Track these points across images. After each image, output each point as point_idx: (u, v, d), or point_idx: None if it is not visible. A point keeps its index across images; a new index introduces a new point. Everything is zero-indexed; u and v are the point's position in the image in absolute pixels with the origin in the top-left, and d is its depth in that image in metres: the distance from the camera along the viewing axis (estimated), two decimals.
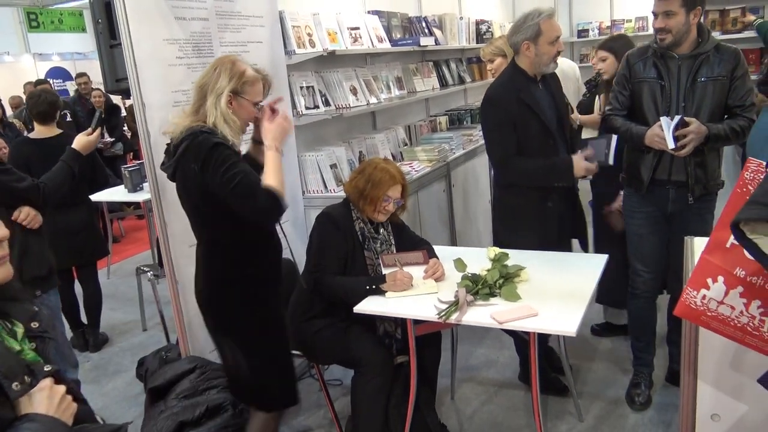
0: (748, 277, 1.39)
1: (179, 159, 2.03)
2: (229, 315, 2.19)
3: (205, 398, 2.48)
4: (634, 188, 2.78)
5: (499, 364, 3.44)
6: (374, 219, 2.61)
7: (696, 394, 1.71)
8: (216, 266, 2.18)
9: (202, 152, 1.96)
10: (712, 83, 2.55)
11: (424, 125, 4.82)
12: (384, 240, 2.66)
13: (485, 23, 5.74)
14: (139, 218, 6.96)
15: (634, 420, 2.83)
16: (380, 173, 2.55)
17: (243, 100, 2.08)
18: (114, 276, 5.59)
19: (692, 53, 2.56)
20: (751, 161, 1.43)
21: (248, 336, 2.20)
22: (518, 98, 2.74)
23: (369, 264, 2.57)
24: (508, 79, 2.84)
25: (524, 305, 2.22)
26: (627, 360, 3.27)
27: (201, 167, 1.97)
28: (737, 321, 1.41)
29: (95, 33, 2.68)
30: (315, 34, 3.52)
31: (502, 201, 2.98)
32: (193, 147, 1.99)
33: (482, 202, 4.76)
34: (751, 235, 1.29)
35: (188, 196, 2.12)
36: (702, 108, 2.56)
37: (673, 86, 2.58)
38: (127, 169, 4.73)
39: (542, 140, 2.79)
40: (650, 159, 2.67)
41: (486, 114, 2.87)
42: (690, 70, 2.56)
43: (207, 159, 1.95)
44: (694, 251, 1.94)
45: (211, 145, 1.96)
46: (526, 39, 2.71)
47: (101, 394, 3.50)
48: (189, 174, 2.02)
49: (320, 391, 2.85)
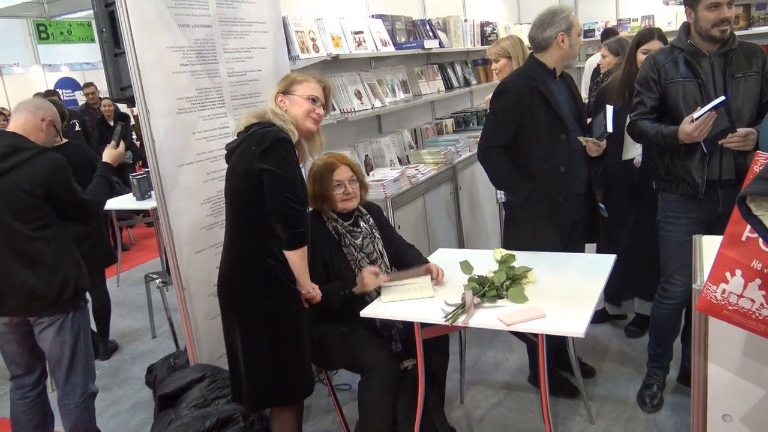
0: (765, 269, 1.40)
1: (243, 140, 2.20)
2: (248, 291, 2.22)
3: (215, 409, 2.47)
4: (683, 193, 2.65)
5: (508, 366, 3.42)
6: (345, 210, 2.61)
7: (707, 394, 1.69)
8: (244, 245, 2.24)
9: (268, 140, 2.13)
10: (747, 79, 2.53)
11: (429, 128, 4.82)
12: (367, 233, 2.65)
13: (490, 25, 5.73)
14: (148, 226, 6.98)
15: (646, 421, 2.80)
16: (319, 168, 2.61)
17: (294, 96, 2.27)
18: (123, 284, 5.62)
19: (722, 51, 2.53)
20: (760, 154, 1.45)
21: (263, 318, 2.23)
22: (532, 87, 2.75)
23: (351, 260, 2.57)
24: (525, 69, 2.90)
25: (532, 307, 2.20)
26: (638, 360, 3.24)
27: (261, 152, 2.11)
28: (758, 314, 1.42)
29: (99, 42, 2.69)
30: (319, 38, 3.53)
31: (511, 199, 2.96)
32: (261, 133, 2.16)
33: (489, 204, 4.74)
34: (756, 211, 1.32)
35: (234, 176, 2.22)
36: (745, 103, 2.53)
37: (710, 84, 2.53)
38: (136, 177, 4.77)
39: (552, 133, 2.77)
40: (698, 160, 2.57)
41: (493, 102, 2.91)
42: (723, 68, 2.53)
43: (271, 147, 2.11)
44: (703, 249, 1.93)
45: (280, 137, 2.14)
46: (561, 31, 2.75)
47: (111, 402, 3.51)
48: (246, 155, 2.15)
49: (329, 395, 2.85)
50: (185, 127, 2.70)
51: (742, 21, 5.70)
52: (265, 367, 2.26)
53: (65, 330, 2.55)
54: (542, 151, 2.78)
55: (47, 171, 2.45)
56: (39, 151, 2.49)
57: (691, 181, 2.60)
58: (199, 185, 2.77)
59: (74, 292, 2.54)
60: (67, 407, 2.64)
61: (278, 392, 2.31)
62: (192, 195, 2.74)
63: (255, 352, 2.25)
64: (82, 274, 2.60)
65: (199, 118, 2.76)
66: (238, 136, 2.28)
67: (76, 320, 2.59)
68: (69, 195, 2.53)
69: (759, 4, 5.66)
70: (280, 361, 2.26)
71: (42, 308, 2.50)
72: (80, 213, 2.59)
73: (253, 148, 2.13)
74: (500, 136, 2.81)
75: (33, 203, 2.43)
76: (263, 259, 2.19)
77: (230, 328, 2.30)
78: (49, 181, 2.45)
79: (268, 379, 2.27)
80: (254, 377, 2.28)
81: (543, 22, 2.80)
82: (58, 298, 2.49)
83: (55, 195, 2.48)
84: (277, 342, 2.25)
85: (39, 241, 2.46)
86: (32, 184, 2.41)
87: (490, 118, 2.91)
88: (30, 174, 2.42)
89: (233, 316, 2.28)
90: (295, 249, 2.19)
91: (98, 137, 6.88)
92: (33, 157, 2.45)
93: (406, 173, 3.69)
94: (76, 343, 2.59)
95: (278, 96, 2.28)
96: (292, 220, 2.16)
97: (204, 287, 2.78)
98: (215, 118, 2.84)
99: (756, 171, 1.42)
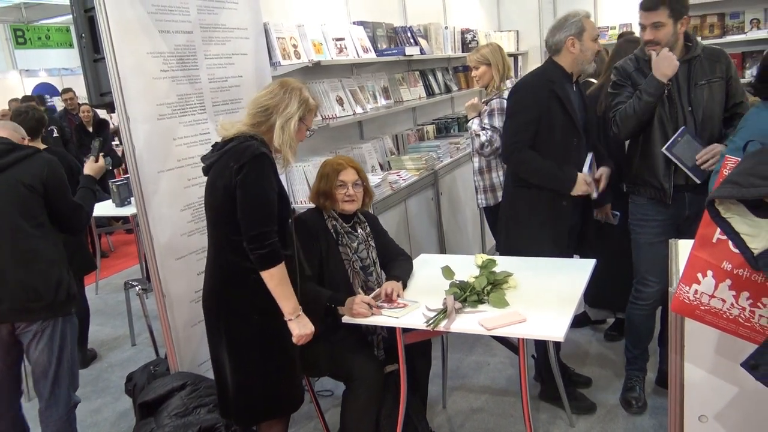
0: (734, 269, 1.43)
1: (222, 154, 2.15)
2: (234, 307, 2.18)
3: (197, 418, 2.44)
4: (651, 197, 2.71)
5: (490, 371, 3.44)
6: (344, 211, 2.63)
7: (684, 394, 1.72)
8: (227, 259, 2.18)
9: (246, 155, 2.07)
10: (711, 85, 2.59)
11: (411, 134, 4.84)
12: (362, 240, 2.66)
13: (470, 32, 5.78)
14: (127, 232, 6.91)
15: (625, 424, 2.83)
16: (327, 167, 2.65)
17: (302, 125, 2.25)
18: (102, 291, 5.55)
19: (685, 59, 2.59)
20: (729, 158, 1.49)
21: (251, 334, 2.18)
22: (550, 89, 2.74)
23: (345, 259, 2.58)
24: (543, 70, 2.87)
25: (512, 311, 2.22)
26: (617, 364, 3.28)
27: (239, 168, 2.06)
28: (729, 313, 1.46)
29: (79, 47, 2.67)
30: (300, 45, 3.53)
31: (515, 201, 2.93)
32: (240, 148, 2.10)
33: (470, 209, 4.77)
34: (725, 214, 1.36)
35: (214, 191, 2.18)
36: (711, 109, 2.60)
37: (675, 92, 2.59)
38: (115, 183, 4.72)
39: (566, 137, 2.77)
40: (665, 167, 2.62)
41: (512, 99, 2.87)
42: (687, 76, 2.59)
43: (249, 163, 2.06)
44: (678, 253, 1.96)
45: (258, 152, 2.08)
46: (570, 35, 2.73)
47: (90, 411, 3.46)
48: (224, 170, 2.11)
49: (311, 402, 2.84)
50: (166, 133, 2.68)
51: (716, 29, 5.81)
52: (255, 384, 2.21)
53: (53, 339, 2.53)
54: (555, 153, 2.76)
55: (45, 168, 2.49)
56: (35, 151, 2.55)
57: (659, 187, 2.67)
58: (180, 191, 2.75)
59: (67, 295, 2.54)
60: (50, 419, 2.59)
61: (269, 407, 2.28)
62: (172, 201, 2.72)
63: (244, 369, 2.21)
64: (71, 277, 2.60)
65: (180, 124, 2.75)
66: (213, 149, 2.23)
67: (65, 329, 2.56)
68: (64, 195, 2.56)
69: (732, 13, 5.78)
70: (270, 376, 2.22)
71: (38, 310, 2.47)
72: (72, 217, 2.60)
73: (231, 164, 2.08)
74: (526, 132, 2.76)
75: (33, 199, 2.46)
76: (248, 275, 2.13)
77: (217, 346, 2.26)
78: (47, 179, 2.49)
79: (259, 395, 2.23)
80: (244, 393, 2.23)
81: (556, 26, 2.81)
82: (54, 299, 2.49)
83: (52, 193, 2.51)
84: (266, 358, 2.21)
85: (37, 239, 2.47)
86: (33, 179, 2.46)
87: (511, 118, 2.86)
88: (30, 170, 2.47)
89: (220, 334, 2.23)
90: (267, 269, 2.08)
91: (77, 143, 6.80)
92: (30, 156, 2.51)
93: (388, 179, 3.71)
94: (61, 353, 2.56)
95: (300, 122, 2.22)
96: (261, 237, 2.06)
97: (185, 294, 2.77)
98: (196, 124, 2.83)
99: (725, 174, 1.46)
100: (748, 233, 1.34)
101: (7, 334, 2.51)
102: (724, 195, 1.34)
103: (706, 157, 2.53)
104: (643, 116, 2.60)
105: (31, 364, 2.57)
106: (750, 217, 1.34)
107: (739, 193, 1.32)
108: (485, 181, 3.64)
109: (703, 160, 2.53)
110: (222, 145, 2.17)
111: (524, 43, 7.39)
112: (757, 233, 1.34)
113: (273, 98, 2.20)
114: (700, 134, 2.60)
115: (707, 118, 2.60)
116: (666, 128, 2.61)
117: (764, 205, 1.34)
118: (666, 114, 2.60)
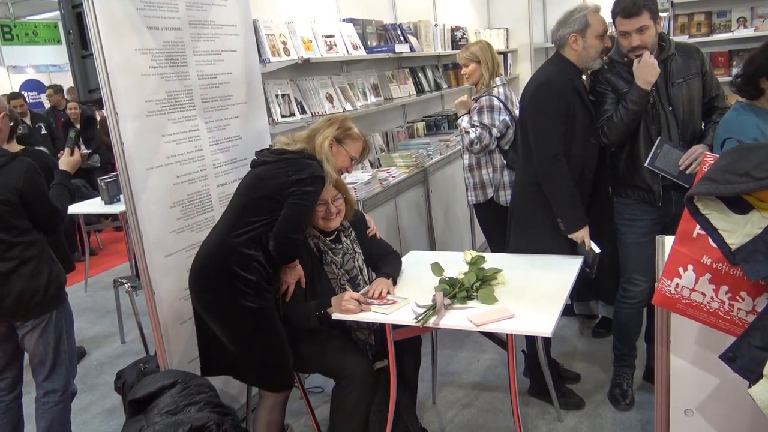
0: (714, 264, 1.47)
1: (282, 159, 2.39)
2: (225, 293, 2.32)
3: (188, 416, 2.43)
4: (640, 199, 2.71)
5: (479, 367, 3.45)
6: (327, 228, 2.57)
7: (670, 388, 1.74)
8: (236, 241, 2.33)
9: (308, 172, 2.33)
10: (688, 83, 2.61)
11: (401, 132, 4.85)
12: (347, 249, 2.62)
13: (460, 30, 5.79)
14: (116, 230, 6.88)
15: (612, 419, 2.86)
16: None
17: (342, 148, 2.50)
18: (91, 289, 5.52)
19: (660, 59, 2.59)
20: (708, 156, 1.52)
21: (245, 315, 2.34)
22: (573, 87, 2.64)
23: (332, 278, 2.55)
24: (560, 68, 2.70)
25: (501, 308, 2.24)
26: (605, 360, 3.30)
27: (298, 180, 2.31)
28: (709, 306, 1.49)
29: (67, 44, 2.66)
30: (290, 42, 3.52)
31: (530, 203, 2.82)
32: (303, 163, 2.36)
33: (460, 206, 4.79)
34: (703, 210, 1.40)
35: (258, 182, 2.38)
36: (690, 106, 2.62)
37: (654, 94, 2.59)
38: (104, 181, 4.69)
39: (586, 134, 2.68)
40: (651, 171, 2.62)
41: (542, 101, 2.66)
42: (664, 75, 2.60)
43: (308, 180, 2.32)
44: (665, 250, 1.98)
45: (318, 174, 2.35)
46: (573, 31, 2.63)
47: (80, 409, 3.45)
48: (280, 174, 2.33)
49: (301, 398, 2.84)
50: (154, 130, 2.67)
51: (704, 28, 5.85)
52: (253, 351, 2.39)
53: (48, 332, 2.56)
54: (576, 151, 2.68)
55: (21, 179, 2.43)
56: (9, 158, 2.46)
57: (647, 188, 2.67)
58: (169, 188, 2.74)
59: (57, 288, 2.56)
60: (46, 405, 2.62)
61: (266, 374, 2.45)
62: (162, 198, 2.71)
63: (243, 346, 2.39)
64: (59, 268, 2.62)
65: (169, 120, 2.74)
66: (269, 150, 2.48)
67: (60, 320, 2.59)
68: (42, 201, 2.51)
69: (720, 12, 5.82)
70: (265, 345, 2.39)
71: (29, 310, 2.49)
72: (50, 220, 2.57)
73: (290, 172, 2.32)
74: (562, 144, 2.62)
75: (10, 212, 2.42)
76: (251, 260, 2.31)
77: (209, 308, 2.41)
78: (23, 188, 2.43)
79: (256, 361, 2.41)
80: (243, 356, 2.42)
81: (561, 20, 2.70)
82: (44, 297, 2.50)
83: (29, 200, 2.46)
84: (259, 328, 2.37)
85: (22, 246, 2.46)
86: (8, 193, 2.40)
87: (544, 126, 2.64)
88: (4, 183, 2.40)
89: (212, 313, 2.39)
90: (287, 263, 2.42)
91: (64, 140, 6.76)
92: (5, 165, 2.43)
93: (378, 176, 3.71)
94: (58, 344, 2.60)
95: (333, 142, 2.47)
96: (293, 242, 2.36)
97: (174, 291, 2.76)
98: (185, 121, 2.82)
99: (704, 171, 1.48)
100: (725, 229, 1.38)
101: (3, 328, 2.55)
102: (701, 192, 1.38)
103: (688, 161, 2.55)
104: (631, 124, 2.60)
105: (29, 355, 2.60)
106: (728, 213, 1.37)
107: (716, 189, 1.35)
108: (475, 178, 3.65)
109: (686, 165, 2.56)
110: (281, 152, 2.43)
111: (514, 41, 7.41)
112: (734, 229, 1.37)
113: (319, 125, 2.53)
114: (682, 133, 2.63)
115: (687, 115, 2.62)
116: (649, 130, 2.62)
117: (741, 202, 1.36)
118: (648, 115, 2.61)
